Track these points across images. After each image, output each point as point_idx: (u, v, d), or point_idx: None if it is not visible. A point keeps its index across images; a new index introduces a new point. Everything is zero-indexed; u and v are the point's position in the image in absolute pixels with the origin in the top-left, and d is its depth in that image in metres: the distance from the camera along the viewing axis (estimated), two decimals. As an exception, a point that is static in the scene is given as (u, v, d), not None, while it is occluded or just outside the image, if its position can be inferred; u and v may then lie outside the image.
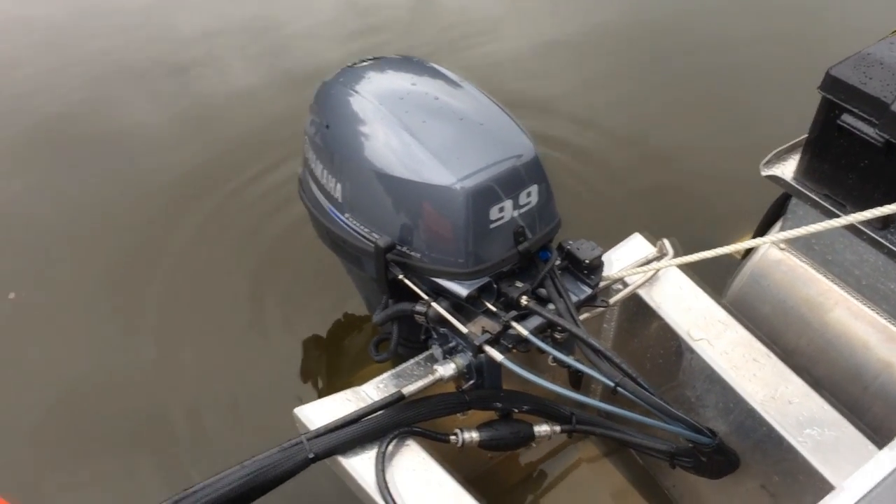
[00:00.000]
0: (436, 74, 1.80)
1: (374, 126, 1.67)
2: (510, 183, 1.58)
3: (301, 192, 1.96)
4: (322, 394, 1.74)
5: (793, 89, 3.41)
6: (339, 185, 1.73)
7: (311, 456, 1.55)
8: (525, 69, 3.82)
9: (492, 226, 1.58)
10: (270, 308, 2.70)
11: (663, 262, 1.85)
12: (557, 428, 1.78)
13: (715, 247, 1.70)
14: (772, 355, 1.80)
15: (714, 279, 2.06)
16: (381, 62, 1.87)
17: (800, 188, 1.92)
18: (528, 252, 1.64)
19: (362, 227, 1.70)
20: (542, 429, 1.76)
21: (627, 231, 2.08)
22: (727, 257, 2.34)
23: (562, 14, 4.27)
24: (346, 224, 1.74)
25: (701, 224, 2.91)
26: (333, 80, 1.83)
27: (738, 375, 1.75)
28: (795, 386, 1.74)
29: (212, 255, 2.89)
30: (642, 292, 1.93)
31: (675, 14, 4.22)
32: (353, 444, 1.60)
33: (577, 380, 1.87)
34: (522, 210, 1.62)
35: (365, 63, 1.86)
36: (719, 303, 1.90)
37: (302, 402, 1.70)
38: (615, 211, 2.99)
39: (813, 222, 1.56)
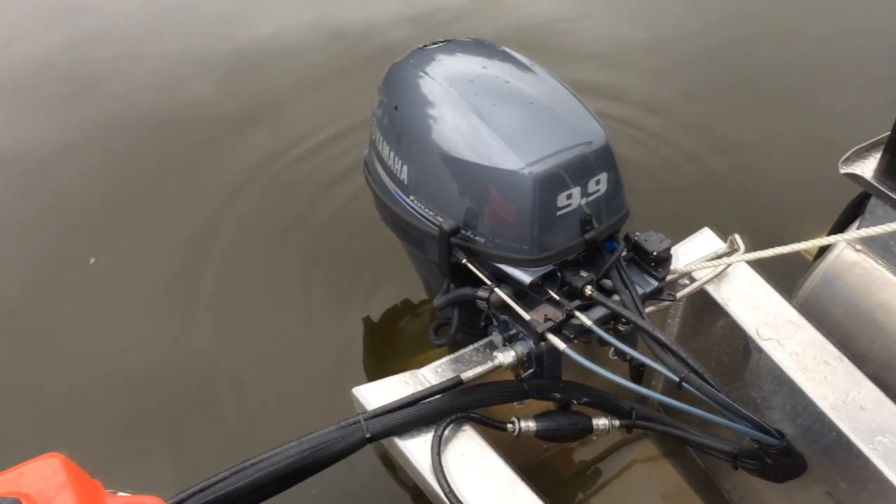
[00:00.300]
0: (507, 58, 1.78)
1: (443, 108, 1.66)
2: (579, 170, 1.55)
3: (366, 174, 1.96)
4: (379, 377, 1.74)
5: (873, 86, 3.34)
6: (405, 167, 1.72)
7: (367, 436, 1.55)
8: (593, 57, 3.77)
9: (558, 213, 1.55)
10: (328, 291, 2.71)
11: (734, 258, 1.80)
12: (616, 422, 1.74)
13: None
14: (844, 359, 1.73)
15: (784, 280, 1.99)
16: (452, 45, 1.86)
17: (880, 187, 1.84)
18: (595, 241, 1.61)
19: (427, 210, 1.69)
20: (600, 422, 1.73)
21: (695, 227, 2.03)
22: (798, 258, 2.29)
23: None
24: (411, 206, 1.73)
25: (772, 222, 2.82)
26: (403, 61, 1.83)
27: (808, 378, 1.69)
28: (868, 391, 1.67)
29: (270, 238, 2.91)
30: (710, 288, 1.88)
31: (751, 6, 4.11)
32: (410, 427, 1.60)
33: (638, 375, 1.83)
34: (590, 198, 1.59)
35: (436, 45, 1.85)
36: (790, 303, 1.84)
37: (359, 383, 1.71)
38: (684, 206, 2.92)
39: (892, 222, 1.49)
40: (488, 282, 1.61)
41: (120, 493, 1.28)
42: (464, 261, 1.62)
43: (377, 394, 1.67)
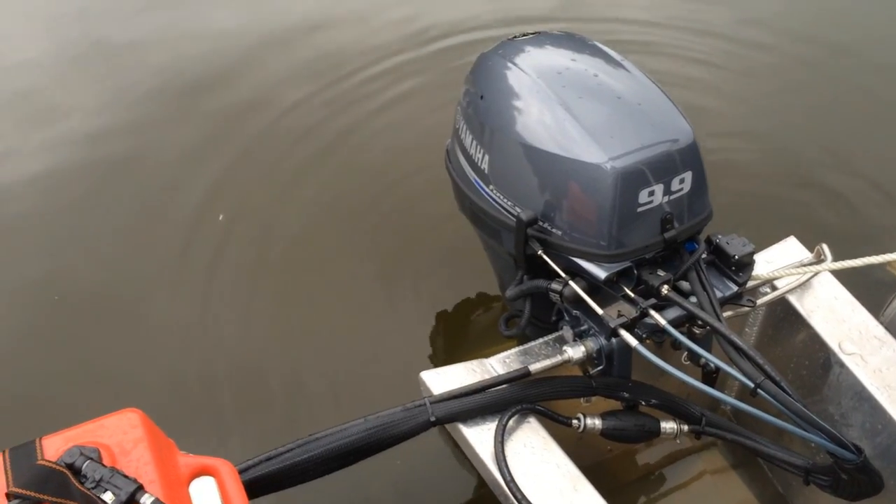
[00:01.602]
0: (596, 52, 1.76)
1: (529, 99, 1.66)
2: (663, 167, 1.53)
3: (447, 163, 1.97)
4: (448, 363, 1.75)
5: None
6: (486, 157, 1.72)
7: (432, 419, 1.57)
8: (682, 55, 3.70)
9: (639, 209, 1.53)
10: (402, 280, 2.73)
11: (819, 266, 1.74)
12: (685, 427, 1.71)
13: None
14: (931, 380, 1.66)
15: (872, 296, 1.92)
16: (542, 37, 1.85)
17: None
18: (674, 241, 1.58)
19: (505, 200, 1.69)
20: (668, 425, 1.70)
21: (780, 236, 1.98)
22: (887, 275, 2.20)
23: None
24: (490, 196, 1.73)
25: (861, 237, 2.73)
26: (492, 51, 1.83)
27: (891, 396, 1.63)
28: (954, 414, 1.60)
29: (350, 226, 2.96)
30: (793, 298, 1.82)
31: (853, 12, 3.96)
32: (475, 414, 1.61)
33: (710, 381, 1.79)
34: (673, 196, 1.56)
35: (525, 37, 1.85)
36: (876, 316, 1.77)
37: (427, 368, 1.72)
38: (770, 213, 2.84)
39: None
40: (563, 275, 1.60)
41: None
42: (539, 252, 1.61)
43: (444, 379, 1.68)
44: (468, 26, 3.95)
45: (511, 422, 1.60)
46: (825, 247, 1.84)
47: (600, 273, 1.57)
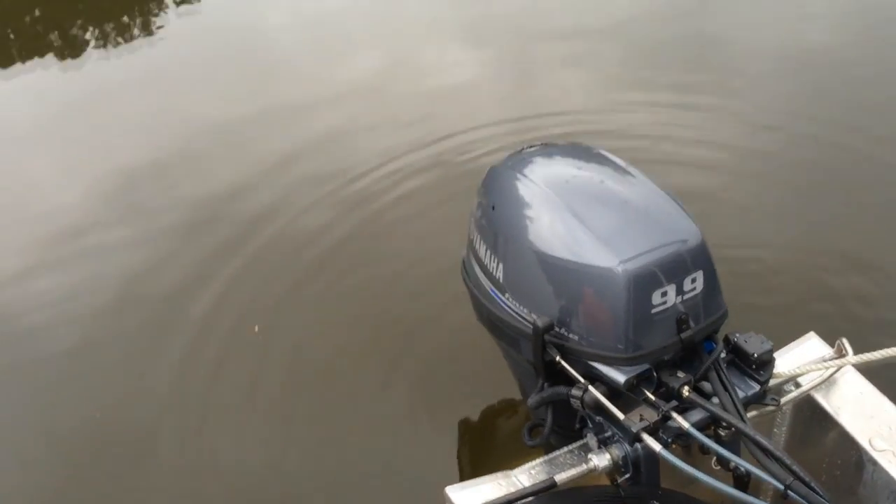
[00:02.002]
0: (602, 160, 1.81)
1: (539, 208, 1.70)
2: (674, 268, 1.55)
3: (464, 275, 2.00)
4: (472, 475, 1.73)
5: None
6: (501, 266, 1.75)
7: (459, 537, 1.53)
8: (694, 164, 3.78)
9: (653, 311, 1.54)
10: (425, 389, 2.74)
11: (841, 361, 1.72)
12: (720, 534, 1.66)
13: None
14: (967, 474, 1.61)
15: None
16: (549, 148, 1.92)
17: None
18: (692, 341, 1.58)
19: (521, 308, 1.70)
20: (702, 533, 1.65)
21: (800, 333, 1.97)
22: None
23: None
24: (506, 304, 1.75)
25: (882, 329, 2.71)
26: (501, 164, 1.89)
27: (930, 494, 1.58)
28: None
29: (373, 335, 2.98)
30: (818, 395, 1.79)
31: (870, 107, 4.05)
32: (503, 530, 1.57)
33: (743, 485, 1.74)
34: (686, 297, 1.57)
35: (532, 149, 1.91)
36: (907, 412, 1.74)
37: (452, 482, 1.69)
38: (788, 310, 2.84)
39: None
40: (582, 380, 1.60)
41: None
42: (557, 359, 1.61)
43: (470, 494, 1.65)
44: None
45: (539, 537, 1.56)
46: (845, 341, 1.82)
47: (620, 377, 1.56)
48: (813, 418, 1.81)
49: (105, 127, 4.58)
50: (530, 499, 1.60)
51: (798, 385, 1.80)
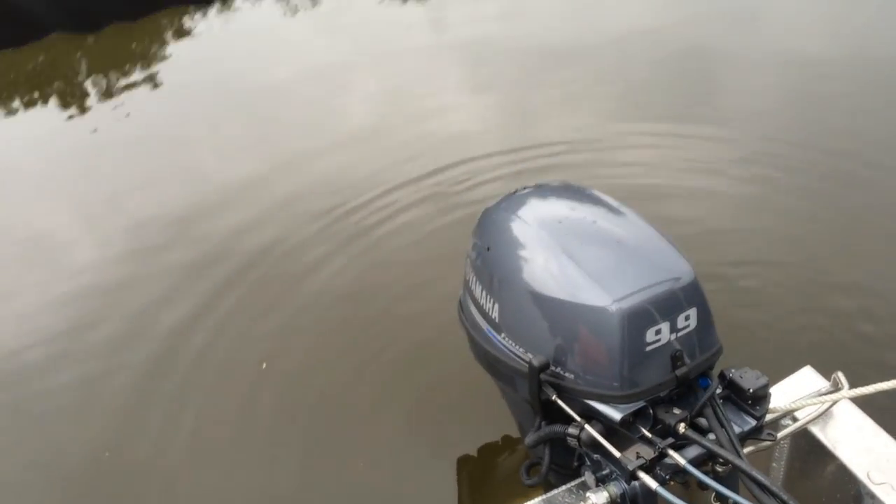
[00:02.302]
0: (594, 200, 1.84)
1: (533, 248, 1.72)
2: (667, 305, 1.56)
3: (460, 315, 2.02)
4: (473, 516, 1.74)
5: None
6: (496, 306, 1.77)
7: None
8: (688, 193, 3.82)
9: (648, 348, 1.55)
10: (424, 425, 2.74)
11: (837, 395, 1.73)
12: (721, 572, 1.65)
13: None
14: (967, 506, 1.61)
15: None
16: (542, 189, 1.95)
17: None
18: (687, 377, 1.59)
19: (517, 347, 1.72)
20: (703, 571, 1.64)
21: (795, 366, 1.98)
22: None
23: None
24: (502, 344, 1.76)
25: (881, 367, 2.71)
26: (496, 206, 1.92)
27: (928, 527, 1.58)
28: None
29: (372, 370, 3.00)
30: (815, 429, 1.80)
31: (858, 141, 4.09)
32: (501, 570, 1.57)
33: (741, 521, 1.75)
34: (680, 334, 1.58)
35: (526, 190, 1.94)
36: (903, 444, 1.74)
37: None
38: (782, 345, 2.85)
39: None
40: (578, 419, 1.61)
41: None
42: (554, 397, 1.62)
43: (468, 535, 1.66)
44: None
45: (538, 577, 1.56)
46: (841, 375, 1.83)
47: (616, 414, 1.57)
48: (810, 452, 1.82)
49: (106, 170, 4.66)
50: (530, 538, 1.61)
51: (795, 419, 1.81)
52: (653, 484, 1.47)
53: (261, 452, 2.75)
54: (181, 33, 6.42)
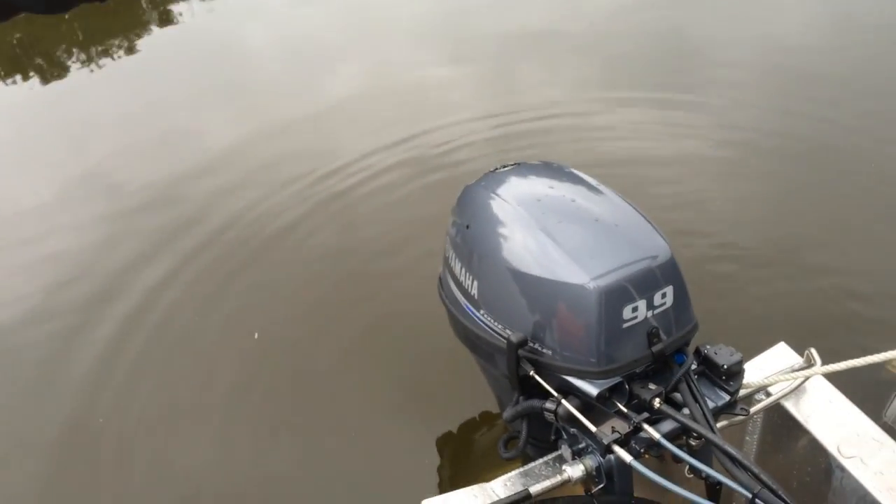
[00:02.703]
0: (573, 178, 1.85)
1: (512, 226, 1.73)
2: (644, 283, 1.59)
3: (440, 291, 2.03)
4: (451, 488, 1.75)
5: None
6: (476, 283, 1.79)
7: (435, 548, 1.56)
8: (667, 171, 3.84)
9: (624, 325, 1.58)
10: (403, 402, 2.77)
11: (810, 371, 1.76)
12: (693, 541, 1.69)
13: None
14: (934, 480, 1.65)
15: (870, 399, 1.94)
16: (522, 167, 1.95)
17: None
18: (662, 354, 1.61)
19: (496, 324, 1.74)
20: (675, 541, 1.68)
21: (770, 342, 2.01)
22: (886, 375, 2.21)
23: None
24: (481, 320, 1.78)
25: (853, 343, 2.76)
26: (476, 183, 1.93)
27: (895, 499, 1.62)
28: (961, 514, 1.59)
29: (351, 349, 3.01)
30: (788, 404, 1.83)
31: (843, 120, 4.13)
32: (478, 541, 1.60)
33: (715, 493, 1.78)
34: (657, 311, 1.61)
35: (506, 168, 1.95)
36: (873, 419, 1.78)
37: (430, 494, 1.72)
38: (756, 321, 2.89)
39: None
40: (555, 394, 1.63)
41: None
42: (531, 373, 1.65)
43: (447, 506, 1.68)
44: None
45: (514, 547, 1.58)
46: (814, 351, 1.87)
47: (592, 390, 1.60)
48: (783, 426, 1.85)
49: (85, 139, 4.62)
50: (505, 510, 1.63)
51: (768, 394, 1.84)
52: (627, 457, 1.50)
53: (238, 429, 2.76)
54: (156, 6, 6.35)
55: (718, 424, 1.63)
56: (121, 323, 3.23)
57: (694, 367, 1.68)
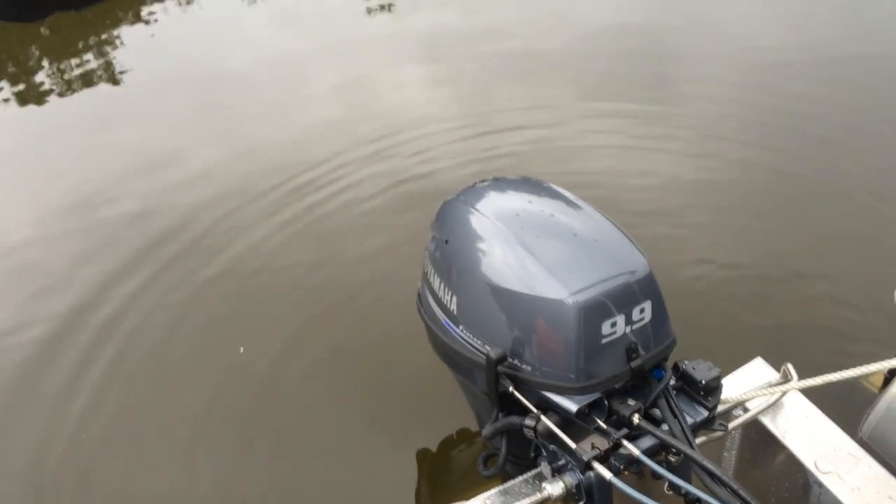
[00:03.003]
0: (552, 193, 1.86)
1: (491, 241, 1.73)
2: (623, 298, 1.58)
3: (419, 307, 2.02)
4: (429, 507, 1.75)
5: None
6: (454, 298, 1.78)
7: (414, 568, 1.54)
8: (645, 185, 3.86)
9: (603, 341, 1.58)
10: (382, 419, 2.74)
11: (787, 386, 1.77)
12: (672, 559, 1.68)
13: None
14: (910, 495, 1.66)
15: (846, 414, 1.95)
16: (500, 182, 1.95)
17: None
18: (641, 369, 1.61)
19: (475, 340, 1.73)
20: (655, 558, 1.67)
21: (747, 357, 2.02)
22: (862, 390, 2.23)
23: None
24: (460, 336, 1.77)
25: (829, 358, 2.78)
26: (455, 198, 1.92)
27: (873, 514, 1.63)
28: (939, 530, 1.59)
29: (330, 364, 2.98)
30: (766, 420, 1.84)
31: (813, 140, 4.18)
32: (457, 560, 1.58)
33: (694, 509, 1.78)
34: (635, 326, 1.61)
35: (485, 183, 1.95)
36: (849, 434, 1.79)
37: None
38: (734, 336, 2.90)
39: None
40: (534, 410, 1.62)
41: None
42: (511, 389, 1.64)
43: (425, 525, 1.66)
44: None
45: (494, 566, 1.57)
46: (790, 366, 1.88)
47: (572, 406, 1.59)
48: (761, 442, 1.86)
49: (61, 160, 4.56)
50: (486, 528, 1.62)
51: (746, 409, 1.85)
52: (607, 474, 1.49)
53: (217, 449, 2.72)
54: (131, 20, 6.32)
55: (697, 440, 1.62)
56: (83, 342, 3.18)
57: (672, 382, 1.68)
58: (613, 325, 1.58)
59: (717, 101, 4.53)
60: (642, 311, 1.61)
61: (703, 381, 1.65)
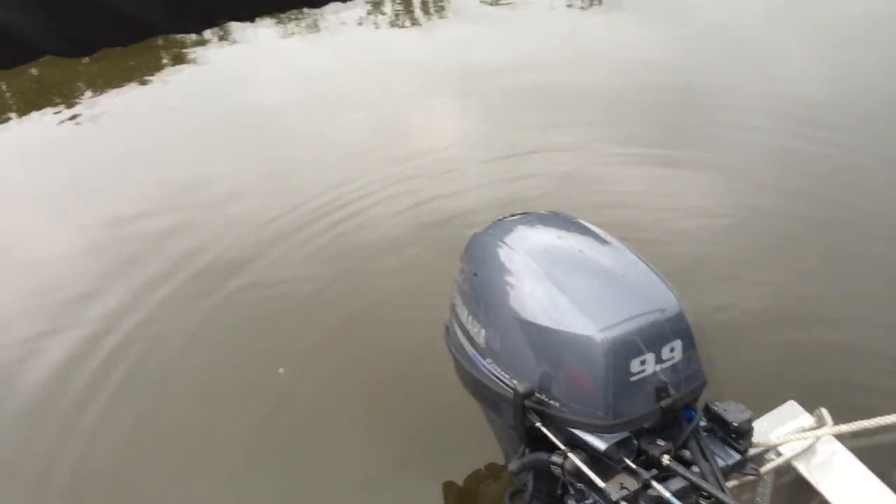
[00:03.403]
0: (581, 229, 1.85)
1: (520, 275, 1.73)
2: (652, 336, 1.57)
3: (447, 338, 2.02)
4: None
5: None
6: (482, 331, 1.77)
7: None
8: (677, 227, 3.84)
9: (632, 378, 1.56)
10: (409, 450, 2.71)
11: (822, 430, 1.73)
12: None
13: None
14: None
15: (882, 461, 1.90)
16: (530, 217, 1.95)
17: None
18: (671, 409, 1.59)
19: (503, 373, 1.72)
20: None
21: (779, 400, 1.98)
22: (892, 435, 2.17)
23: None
24: (487, 369, 1.76)
25: (864, 403, 2.72)
26: (484, 231, 1.92)
27: (910, 565, 1.58)
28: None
29: (357, 393, 2.97)
30: (799, 465, 1.80)
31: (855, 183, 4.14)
32: None
33: (724, 554, 1.74)
34: (665, 365, 1.59)
35: (514, 217, 1.95)
36: (885, 482, 1.74)
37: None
38: (766, 378, 2.85)
39: None
40: (562, 447, 1.60)
41: None
42: (538, 424, 1.62)
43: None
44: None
45: None
46: (825, 411, 1.84)
47: (600, 444, 1.57)
48: (794, 487, 1.82)
49: (92, 181, 4.65)
50: (511, 567, 1.60)
51: (779, 454, 1.81)
52: (635, 516, 1.46)
53: (239, 476, 2.69)
54: (176, 59, 6.46)
55: (728, 484, 1.59)
56: (108, 348, 3.23)
57: (703, 423, 1.65)
58: (643, 362, 1.56)
59: (751, 143, 4.50)
60: (672, 349, 1.59)
61: (735, 424, 1.63)
